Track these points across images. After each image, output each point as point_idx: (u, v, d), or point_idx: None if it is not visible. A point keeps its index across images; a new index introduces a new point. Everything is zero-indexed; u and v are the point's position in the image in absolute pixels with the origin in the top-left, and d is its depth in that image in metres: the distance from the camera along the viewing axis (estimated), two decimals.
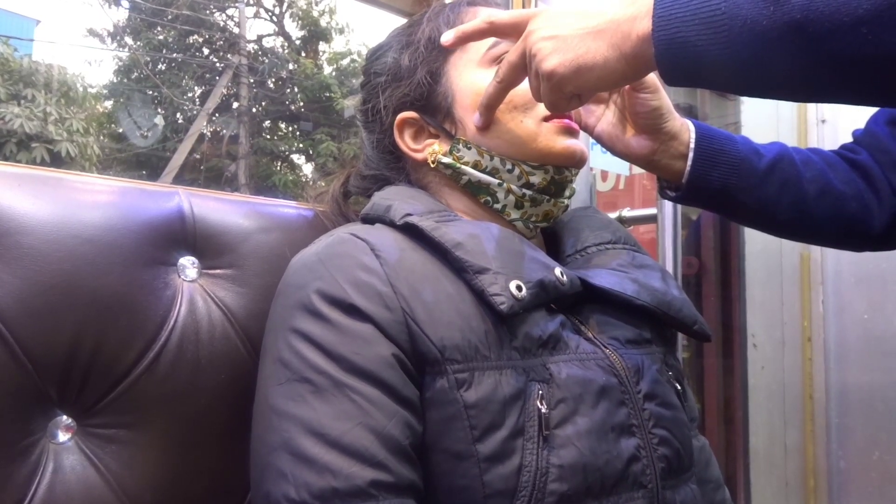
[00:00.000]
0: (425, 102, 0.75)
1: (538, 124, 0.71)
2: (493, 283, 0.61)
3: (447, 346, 0.59)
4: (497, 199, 0.73)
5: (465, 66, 0.75)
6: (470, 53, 0.74)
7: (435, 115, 0.75)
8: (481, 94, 0.71)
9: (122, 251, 0.63)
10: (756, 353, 1.86)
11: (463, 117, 0.74)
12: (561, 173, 0.73)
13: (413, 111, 0.76)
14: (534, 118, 0.71)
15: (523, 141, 0.71)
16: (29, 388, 0.58)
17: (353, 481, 0.54)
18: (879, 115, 0.88)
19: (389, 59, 0.78)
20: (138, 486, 0.62)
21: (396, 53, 0.78)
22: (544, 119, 0.72)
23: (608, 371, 0.65)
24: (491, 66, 0.73)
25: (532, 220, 0.74)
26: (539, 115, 0.71)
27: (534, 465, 0.58)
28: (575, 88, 0.61)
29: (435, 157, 0.74)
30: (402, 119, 0.76)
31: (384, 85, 0.78)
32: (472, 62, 0.74)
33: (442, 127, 0.75)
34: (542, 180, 0.72)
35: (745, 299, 1.86)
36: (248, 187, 10.37)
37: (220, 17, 11.56)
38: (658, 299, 0.70)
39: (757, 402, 1.85)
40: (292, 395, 0.59)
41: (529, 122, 0.71)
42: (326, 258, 0.64)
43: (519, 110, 0.71)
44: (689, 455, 0.69)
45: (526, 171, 0.72)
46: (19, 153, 7.96)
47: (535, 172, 0.72)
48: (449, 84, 0.75)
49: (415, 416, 0.59)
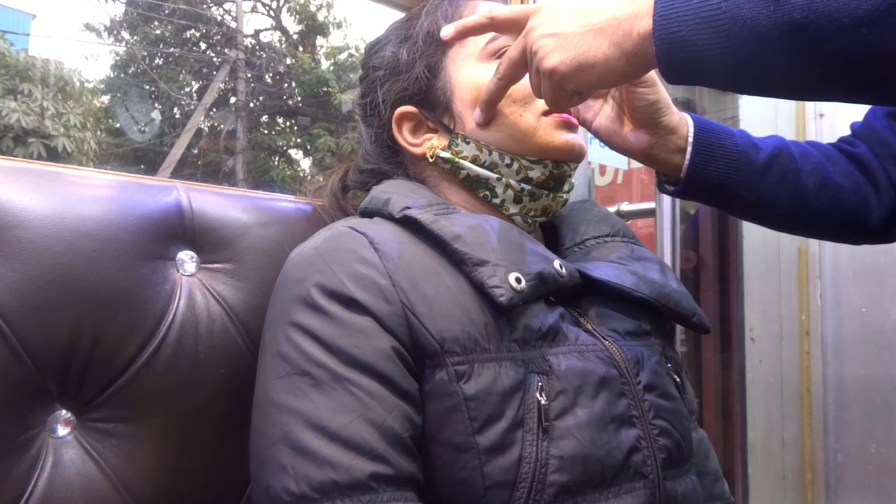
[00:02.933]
0: (424, 97, 0.75)
1: (537, 119, 0.71)
2: (493, 275, 0.61)
3: (447, 339, 0.59)
4: (496, 193, 0.73)
5: (463, 60, 0.74)
6: (469, 47, 0.74)
7: (433, 109, 0.75)
8: (480, 89, 0.71)
9: (121, 245, 0.63)
10: (754, 347, 1.86)
11: (462, 112, 0.73)
12: (560, 168, 0.73)
13: (412, 105, 0.75)
14: (533, 112, 0.71)
15: (522, 135, 0.71)
16: (28, 383, 0.58)
17: (354, 474, 0.54)
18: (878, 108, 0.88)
19: (388, 52, 0.78)
20: (138, 479, 0.62)
21: (395, 47, 0.77)
22: (543, 114, 0.71)
23: (608, 362, 0.65)
24: (490, 60, 0.73)
25: (531, 214, 0.74)
26: (538, 110, 0.71)
27: (533, 456, 0.58)
28: (576, 86, 0.61)
29: (434, 152, 0.73)
30: (400, 113, 0.75)
31: (382, 79, 0.77)
32: (471, 56, 0.74)
33: (440, 121, 0.74)
34: (540, 174, 0.72)
35: (743, 293, 1.86)
36: (246, 182, 10.36)
37: (217, 11, 11.52)
38: (657, 291, 0.71)
39: (755, 396, 1.85)
40: (292, 388, 0.59)
41: (529, 116, 0.71)
42: (325, 252, 0.64)
43: (518, 104, 0.71)
44: (689, 446, 0.69)
45: (525, 165, 0.72)
46: (16, 148, 7.95)
47: (533, 167, 0.72)
48: (448, 78, 0.74)
49: (414, 408, 0.59)
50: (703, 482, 0.75)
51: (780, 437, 1.87)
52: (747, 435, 1.83)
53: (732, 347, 1.86)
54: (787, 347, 1.87)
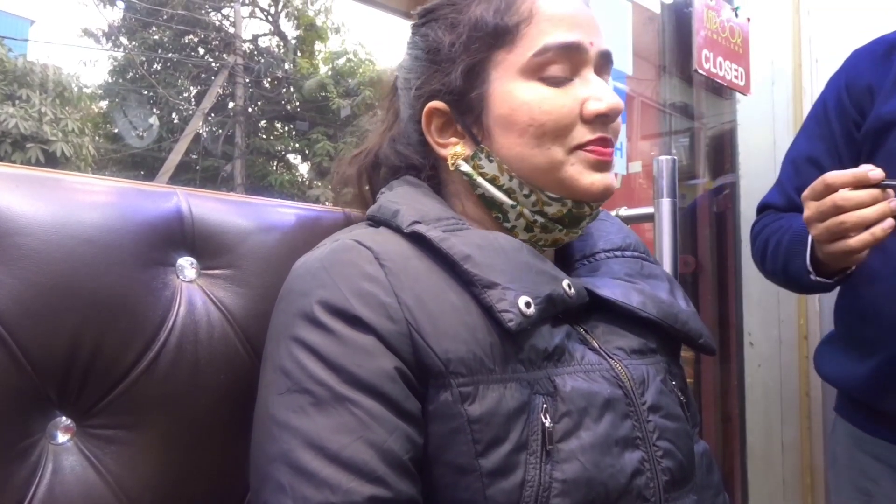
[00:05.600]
0: (459, 98, 0.70)
1: (567, 153, 0.67)
2: (502, 298, 0.60)
3: (452, 359, 0.58)
4: (507, 218, 0.70)
5: (506, 69, 0.68)
6: (516, 54, 0.67)
7: (466, 114, 0.70)
8: (514, 108, 0.67)
9: (121, 252, 0.63)
10: (752, 352, 1.86)
11: (491, 127, 0.69)
12: (580, 208, 0.69)
13: (444, 102, 0.70)
14: (564, 147, 0.67)
15: (546, 169, 0.67)
16: (28, 390, 0.57)
17: (351, 497, 0.53)
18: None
19: (432, 35, 0.71)
20: (138, 486, 0.62)
21: (441, 31, 0.71)
22: (577, 146, 0.67)
23: (613, 383, 0.63)
24: (532, 78, 0.67)
25: (540, 243, 0.72)
26: (571, 144, 0.67)
27: (536, 479, 0.57)
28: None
29: (455, 161, 0.70)
30: (431, 108, 0.71)
31: (420, 65, 0.72)
32: (515, 67, 0.68)
33: (470, 129, 0.70)
34: (557, 212, 0.69)
35: (742, 297, 1.87)
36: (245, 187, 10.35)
37: (216, 16, 11.53)
38: (664, 311, 0.70)
39: (754, 400, 1.85)
40: (292, 405, 0.58)
41: (558, 151, 0.67)
42: (330, 265, 0.62)
43: (548, 137, 0.66)
44: (692, 467, 0.68)
45: (543, 199, 0.68)
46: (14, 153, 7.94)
47: (551, 203, 0.68)
48: (486, 86, 0.68)
49: (416, 429, 0.58)
50: (705, 496, 0.73)
51: (779, 441, 1.86)
52: (746, 439, 1.83)
53: (731, 352, 1.86)
54: (786, 352, 1.87)
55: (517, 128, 0.67)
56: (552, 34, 0.67)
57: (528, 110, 0.67)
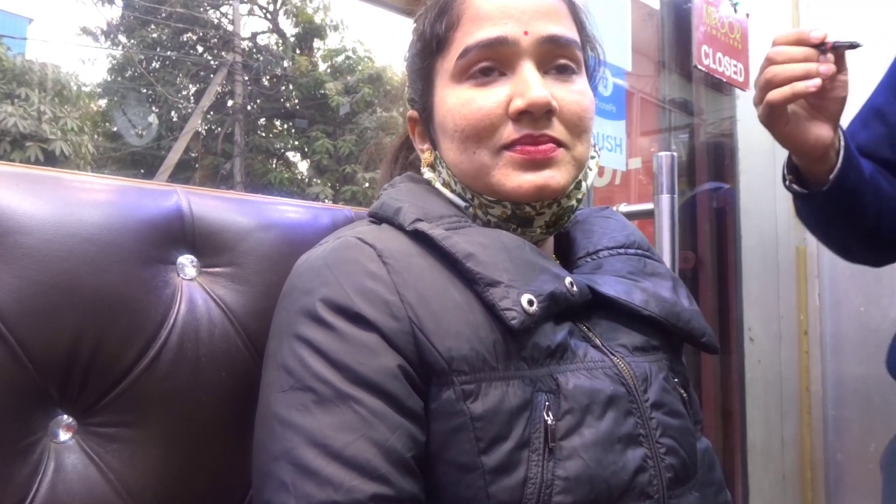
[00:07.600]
0: (422, 107, 0.72)
1: (493, 155, 0.66)
2: (505, 296, 0.60)
3: (455, 357, 0.58)
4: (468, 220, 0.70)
5: (442, 77, 0.69)
6: (448, 60, 0.68)
7: (427, 122, 0.72)
8: (446, 116, 0.67)
9: (122, 250, 0.63)
10: (753, 347, 1.86)
11: (437, 134, 0.70)
12: (521, 209, 0.68)
13: (416, 111, 0.73)
14: (489, 149, 0.66)
15: (475, 174, 0.67)
16: (29, 388, 0.58)
17: (354, 495, 0.53)
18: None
19: (411, 41, 0.73)
20: (140, 484, 0.62)
21: (412, 41, 0.73)
22: (504, 146, 0.66)
23: (616, 380, 0.63)
24: (462, 80, 0.67)
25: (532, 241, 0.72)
26: (496, 145, 0.66)
27: (539, 477, 0.57)
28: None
29: (425, 166, 0.72)
30: (409, 116, 0.74)
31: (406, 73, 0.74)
32: (448, 73, 0.68)
33: (432, 137, 0.72)
34: (501, 213, 0.69)
35: (742, 293, 1.87)
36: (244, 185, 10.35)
37: (214, 14, 11.52)
38: (667, 310, 0.69)
39: (754, 396, 1.85)
40: (295, 403, 0.58)
41: (484, 154, 0.66)
42: (333, 263, 0.62)
43: (471, 141, 0.66)
44: (695, 464, 0.68)
45: (483, 202, 0.69)
46: (13, 152, 7.94)
47: (493, 206, 0.68)
48: (432, 95, 0.70)
49: (419, 427, 0.58)
50: (707, 493, 0.73)
51: (779, 436, 1.87)
52: (747, 434, 1.83)
53: (731, 347, 1.87)
54: (786, 347, 1.88)
55: (447, 134, 0.69)
56: (474, 34, 0.66)
57: (452, 116, 0.67)
